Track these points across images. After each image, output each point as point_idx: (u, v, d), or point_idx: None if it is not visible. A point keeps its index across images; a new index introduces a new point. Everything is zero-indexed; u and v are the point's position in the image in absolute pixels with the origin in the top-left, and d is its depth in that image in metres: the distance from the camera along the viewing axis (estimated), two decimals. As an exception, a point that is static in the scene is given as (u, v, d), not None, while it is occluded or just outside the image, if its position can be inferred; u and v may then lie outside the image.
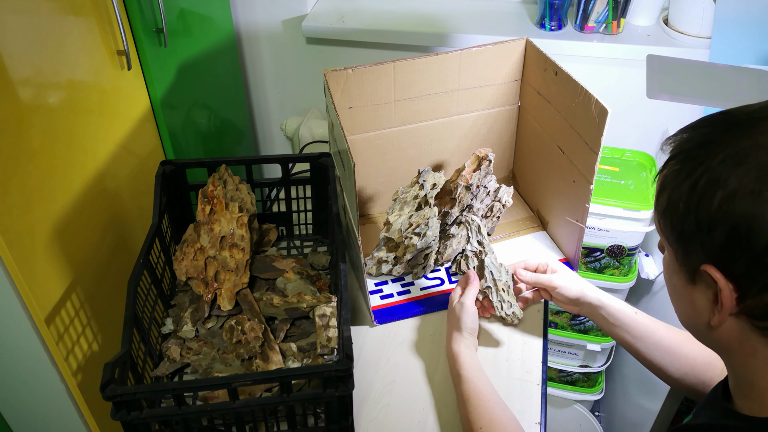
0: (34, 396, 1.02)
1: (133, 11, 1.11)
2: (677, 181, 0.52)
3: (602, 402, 1.78)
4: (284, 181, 1.11)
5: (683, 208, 0.51)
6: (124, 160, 1.16)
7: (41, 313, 0.92)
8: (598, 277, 1.40)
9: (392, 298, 1.06)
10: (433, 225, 1.00)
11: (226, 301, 0.96)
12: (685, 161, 0.52)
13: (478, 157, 1.01)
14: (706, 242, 0.50)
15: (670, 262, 0.57)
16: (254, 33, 1.71)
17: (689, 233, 0.52)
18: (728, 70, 1.09)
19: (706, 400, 0.67)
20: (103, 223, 1.10)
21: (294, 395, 0.74)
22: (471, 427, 0.80)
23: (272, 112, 1.89)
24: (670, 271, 0.58)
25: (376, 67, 1.03)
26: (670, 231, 0.54)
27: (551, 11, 1.46)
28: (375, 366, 0.95)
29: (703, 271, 0.51)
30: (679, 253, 0.54)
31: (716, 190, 0.48)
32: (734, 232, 0.48)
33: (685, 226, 0.52)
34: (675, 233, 0.54)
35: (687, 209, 0.51)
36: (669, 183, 0.53)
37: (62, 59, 0.96)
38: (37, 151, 0.92)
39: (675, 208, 0.52)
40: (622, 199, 1.29)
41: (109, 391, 0.69)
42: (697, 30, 1.39)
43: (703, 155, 0.51)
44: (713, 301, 0.53)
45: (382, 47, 1.62)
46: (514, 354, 0.96)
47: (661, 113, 1.51)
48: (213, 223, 0.99)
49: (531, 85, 1.13)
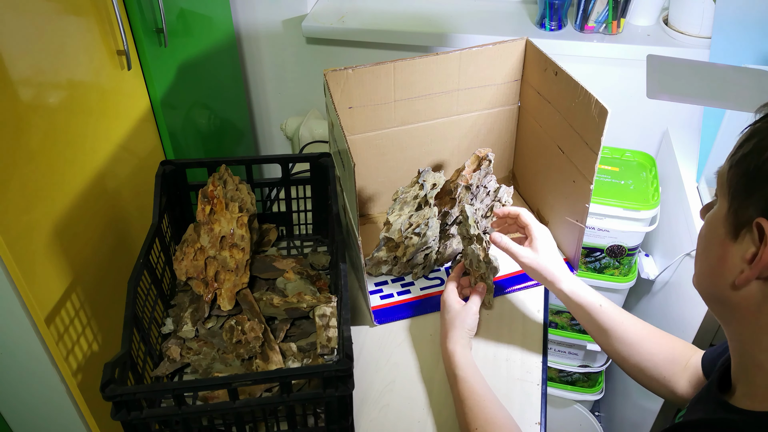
0: (34, 396, 1.02)
1: (133, 11, 1.11)
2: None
3: (602, 402, 1.78)
4: (284, 181, 1.11)
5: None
6: (124, 160, 1.16)
7: (41, 313, 0.92)
8: (598, 277, 1.40)
9: (392, 298, 1.06)
10: (433, 225, 1.00)
11: (226, 301, 0.96)
12: None
13: (478, 157, 1.01)
14: None
15: (716, 215, 0.57)
16: (254, 33, 1.71)
17: (762, 180, 0.51)
18: (728, 70, 1.09)
19: (701, 394, 0.67)
20: (103, 223, 1.10)
21: (294, 395, 0.74)
22: (467, 427, 0.80)
23: (272, 112, 1.89)
24: (712, 225, 0.57)
25: (376, 67, 1.03)
26: (739, 178, 0.54)
27: (551, 11, 1.46)
28: (375, 366, 0.95)
29: (754, 224, 0.51)
30: (734, 203, 0.54)
31: None
32: None
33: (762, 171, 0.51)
34: (744, 180, 0.53)
35: None
36: (761, 131, 0.53)
37: (62, 59, 0.96)
38: (36, 151, 0.92)
39: (759, 154, 0.51)
40: (622, 199, 1.29)
41: (109, 391, 0.69)
42: (697, 30, 1.39)
43: None
44: (748, 260, 0.52)
45: (382, 47, 1.62)
46: (514, 354, 0.96)
47: (661, 113, 1.52)
48: (213, 223, 0.99)
49: (531, 85, 1.13)
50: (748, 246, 0.53)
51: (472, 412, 0.80)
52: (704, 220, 0.61)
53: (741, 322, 0.56)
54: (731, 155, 0.56)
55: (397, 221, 1.01)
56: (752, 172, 0.52)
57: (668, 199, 1.34)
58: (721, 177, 0.57)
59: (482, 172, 1.02)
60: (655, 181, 1.35)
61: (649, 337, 0.85)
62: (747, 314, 0.55)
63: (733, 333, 0.59)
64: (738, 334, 0.58)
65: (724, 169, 0.57)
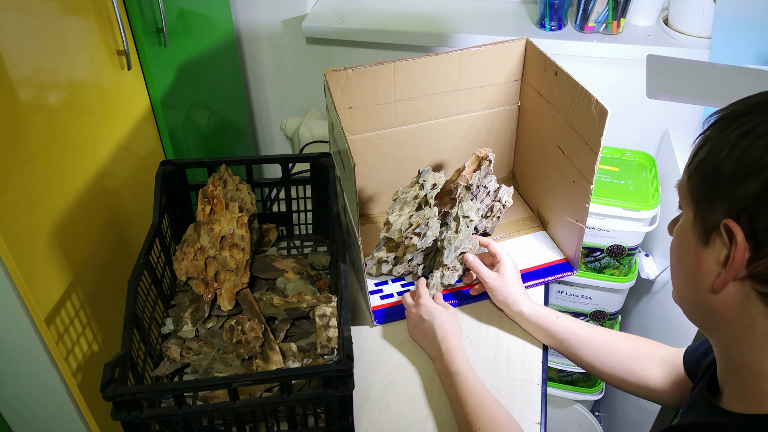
0: (34, 396, 1.02)
1: (133, 11, 1.11)
2: (726, 132, 0.52)
3: (602, 402, 1.78)
4: (284, 181, 1.11)
5: (725, 155, 0.51)
6: (124, 160, 1.16)
7: (41, 313, 0.92)
8: (598, 277, 1.40)
9: (392, 298, 1.06)
10: (433, 225, 1.00)
11: (226, 301, 0.96)
12: (736, 118, 0.52)
13: (478, 157, 1.01)
14: (738, 192, 0.50)
15: (684, 225, 0.58)
16: (254, 33, 1.71)
17: (723, 181, 0.51)
18: (728, 70, 1.09)
19: (692, 398, 0.67)
20: (103, 223, 1.10)
21: (294, 395, 0.74)
22: (470, 427, 0.80)
23: (272, 112, 1.89)
24: (681, 235, 0.58)
25: (376, 67, 1.03)
26: (699, 184, 0.54)
27: (551, 11, 1.46)
28: (375, 366, 0.95)
29: (722, 227, 0.51)
30: (700, 209, 0.54)
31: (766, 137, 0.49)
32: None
33: (722, 173, 0.51)
34: (705, 186, 0.53)
35: (729, 155, 0.51)
36: (714, 136, 0.53)
37: (62, 59, 0.96)
38: (36, 150, 0.92)
39: (716, 157, 0.52)
40: (622, 199, 1.29)
41: (109, 391, 0.69)
42: (697, 30, 1.39)
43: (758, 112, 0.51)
44: (722, 263, 0.53)
45: (382, 47, 1.62)
46: (514, 354, 0.96)
47: (661, 113, 1.51)
48: (213, 223, 0.99)
49: (531, 85, 1.13)
50: (720, 249, 0.53)
51: (474, 412, 0.80)
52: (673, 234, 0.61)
53: (725, 326, 0.56)
54: (688, 165, 0.57)
55: (397, 221, 1.01)
56: (711, 176, 0.53)
57: (668, 199, 1.34)
58: (682, 188, 0.58)
59: (482, 172, 1.02)
60: (655, 181, 1.35)
61: (609, 340, 0.90)
62: (730, 317, 0.55)
63: (719, 338, 0.59)
64: (723, 338, 0.58)
65: (683, 181, 0.57)
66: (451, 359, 0.88)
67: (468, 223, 1.02)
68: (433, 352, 0.93)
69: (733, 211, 0.51)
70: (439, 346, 0.91)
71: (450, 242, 1.01)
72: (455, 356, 0.88)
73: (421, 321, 0.94)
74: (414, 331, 0.97)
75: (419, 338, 0.96)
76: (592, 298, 1.46)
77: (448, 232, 1.02)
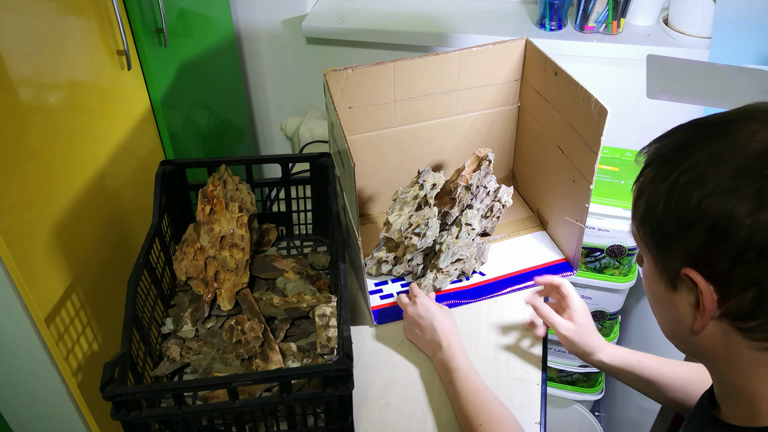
0: (34, 396, 1.02)
1: (133, 11, 1.11)
2: (655, 185, 0.53)
3: (602, 402, 1.78)
4: (284, 181, 1.11)
5: (662, 210, 0.52)
6: (124, 160, 1.16)
7: (41, 313, 0.92)
8: (598, 277, 1.40)
9: (392, 298, 1.06)
10: (433, 225, 1.00)
11: (226, 301, 0.96)
12: (662, 165, 0.53)
13: (477, 157, 1.01)
14: (686, 243, 0.50)
15: (649, 271, 0.58)
16: (254, 33, 1.71)
17: (668, 235, 0.52)
18: (728, 70, 1.09)
19: (694, 411, 0.67)
20: (103, 223, 1.10)
21: (294, 395, 0.74)
22: (470, 424, 0.80)
23: (272, 112, 1.89)
24: (650, 281, 0.58)
25: (376, 67, 1.03)
26: (649, 237, 0.54)
27: (551, 11, 1.46)
28: (375, 366, 0.95)
29: (683, 275, 0.51)
30: (658, 259, 0.54)
31: (694, 189, 0.49)
32: (713, 229, 0.48)
33: (665, 227, 0.52)
34: (654, 238, 0.54)
35: (666, 210, 0.51)
36: (646, 188, 0.54)
37: (62, 59, 0.96)
38: (37, 150, 0.92)
39: (654, 211, 0.53)
40: (622, 199, 1.29)
41: (109, 390, 0.69)
42: (697, 30, 1.39)
43: (680, 158, 0.51)
44: (695, 306, 0.53)
45: (382, 47, 1.62)
46: (514, 354, 0.96)
47: (661, 113, 1.51)
48: (213, 223, 0.99)
49: (531, 85, 1.13)
50: (689, 294, 0.53)
51: (475, 408, 0.80)
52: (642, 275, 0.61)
53: (713, 358, 0.57)
54: (632, 215, 0.57)
55: (397, 221, 1.01)
56: (657, 231, 0.53)
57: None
58: (635, 236, 0.58)
59: (482, 172, 1.02)
60: (655, 181, 1.35)
61: (697, 376, 0.84)
62: (716, 351, 0.55)
63: (710, 366, 0.60)
64: (713, 366, 0.59)
65: (634, 230, 0.57)
66: (452, 355, 0.88)
67: (470, 231, 1.02)
68: (431, 348, 0.93)
69: (688, 260, 0.51)
70: (439, 343, 0.91)
71: (449, 247, 1.00)
72: (455, 352, 0.88)
73: (419, 318, 0.94)
74: (411, 329, 0.97)
75: (416, 337, 0.96)
76: (592, 298, 1.46)
77: (449, 237, 1.01)
